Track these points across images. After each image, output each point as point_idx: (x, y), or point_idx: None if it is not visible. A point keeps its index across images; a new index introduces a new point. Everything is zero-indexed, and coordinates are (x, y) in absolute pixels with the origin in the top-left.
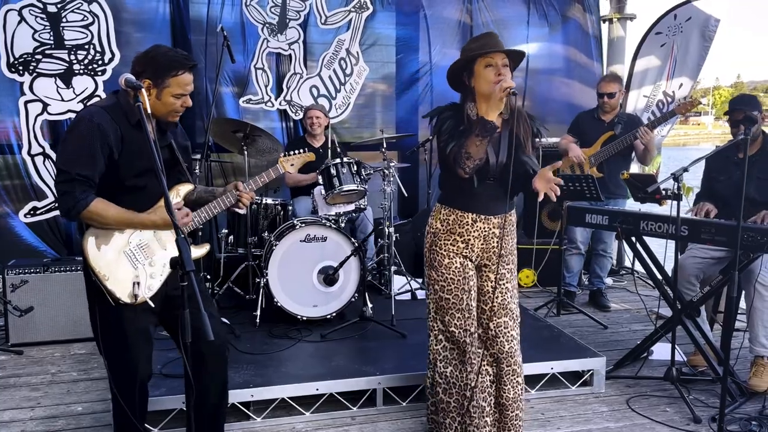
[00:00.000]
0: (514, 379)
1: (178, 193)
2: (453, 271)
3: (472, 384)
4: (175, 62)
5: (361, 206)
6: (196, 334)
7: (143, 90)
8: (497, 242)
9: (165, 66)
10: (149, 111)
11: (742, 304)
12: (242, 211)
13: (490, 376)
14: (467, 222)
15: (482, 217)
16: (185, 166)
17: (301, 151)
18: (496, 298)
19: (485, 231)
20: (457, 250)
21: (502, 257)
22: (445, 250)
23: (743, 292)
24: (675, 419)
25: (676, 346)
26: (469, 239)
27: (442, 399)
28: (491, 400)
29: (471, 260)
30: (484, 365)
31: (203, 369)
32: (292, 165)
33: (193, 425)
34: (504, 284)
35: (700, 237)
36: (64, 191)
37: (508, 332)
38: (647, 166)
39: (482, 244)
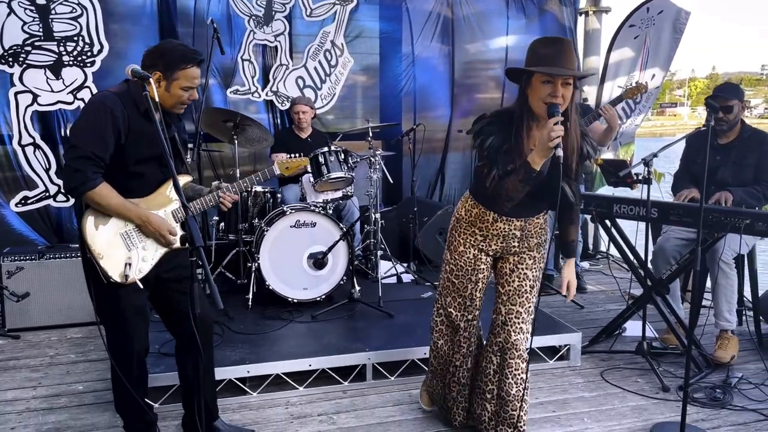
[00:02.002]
0: (518, 374)
1: None
2: (465, 260)
3: (457, 363)
4: (185, 56)
5: (348, 193)
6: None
7: (151, 80)
8: (518, 242)
9: (175, 60)
10: (157, 101)
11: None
12: (224, 209)
13: (493, 365)
14: (488, 220)
15: (503, 218)
16: (186, 158)
17: (298, 155)
18: (512, 281)
19: (505, 231)
20: (474, 242)
21: (525, 251)
22: (462, 239)
23: (709, 271)
24: (645, 389)
25: (647, 322)
26: (488, 235)
27: (432, 363)
28: (493, 389)
29: (487, 253)
30: (488, 354)
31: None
32: (287, 168)
33: (202, 392)
34: (523, 270)
35: (669, 219)
36: (77, 168)
37: (519, 324)
38: (604, 147)
39: (501, 243)
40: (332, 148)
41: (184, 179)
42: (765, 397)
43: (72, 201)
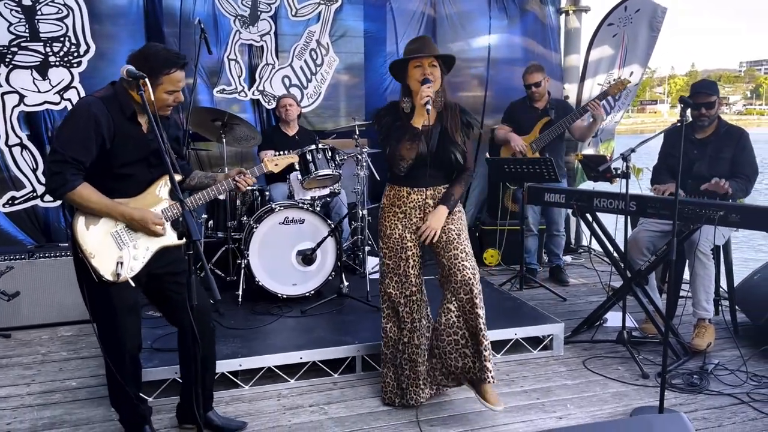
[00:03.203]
0: (476, 309)
1: (166, 182)
2: (393, 240)
3: (405, 340)
4: (168, 61)
5: (336, 190)
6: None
7: (146, 80)
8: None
9: (159, 65)
10: (152, 99)
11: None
12: (222, 197)
13: (453, 312)
14: (403, 195)
15: (415, 189)
16: (175, 157)
17: (285, 152)
18: (441, 237)
19: (419, 202)
20: (396, 221)
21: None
22: (388, 222)
23: (687, 261)
24: (626, 376)
25: (627, 313)
26: (406, 210)
27: (383, 351)
28: (463, 332)
29: (411, 230)
30: (444, 304)
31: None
32: (276, 165)
33: (198, 383)
34: (446, 226)
35: (646, 212)
36: (56, 171)
37: (460, 263)
38: (584, 142)
39: (419, 214)
40: (319, 145)
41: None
42: (740, 382)
43: (60, 201)
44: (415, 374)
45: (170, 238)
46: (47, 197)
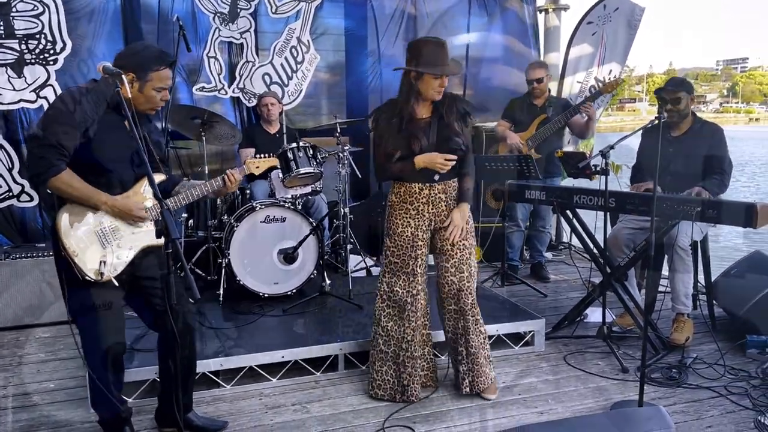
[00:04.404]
0: (477, 328)
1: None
2: (404, 238)
3: (409, 338)
4: (157, 58)
5: (317, 188)
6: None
7: (123, 76)
8: (445, 205)
9: (148, 61)
10: (128, 96)
11: (666, 271)
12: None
13: (459, 330)
14: (415, 191)
15: (426, 185)
16: (157, 158)
17: (267, 155)
18: (455, 254)
19: (431, 196)
20: (409, 218)
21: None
22: (399, 219)
23: (666, 257)
24: (606, 370)
25: (607, 308)
26: (419, 206)
27: (382, 349)
28: (462, 350)
29: (423, 229)
30: (447, 323)
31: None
32: (257, 167)
33: (179, 382)
34: (461, 242)
35: (625, 208)
36: (41, 155)
37: (470, 286)
38: (586, 140)
39: (432, 209)
40: (301, 143)
41: (158, 177)
42: (718, 375)
43: (36, 201)
44: (415, 370)
45: (153, 237)
46: (23, 197)
